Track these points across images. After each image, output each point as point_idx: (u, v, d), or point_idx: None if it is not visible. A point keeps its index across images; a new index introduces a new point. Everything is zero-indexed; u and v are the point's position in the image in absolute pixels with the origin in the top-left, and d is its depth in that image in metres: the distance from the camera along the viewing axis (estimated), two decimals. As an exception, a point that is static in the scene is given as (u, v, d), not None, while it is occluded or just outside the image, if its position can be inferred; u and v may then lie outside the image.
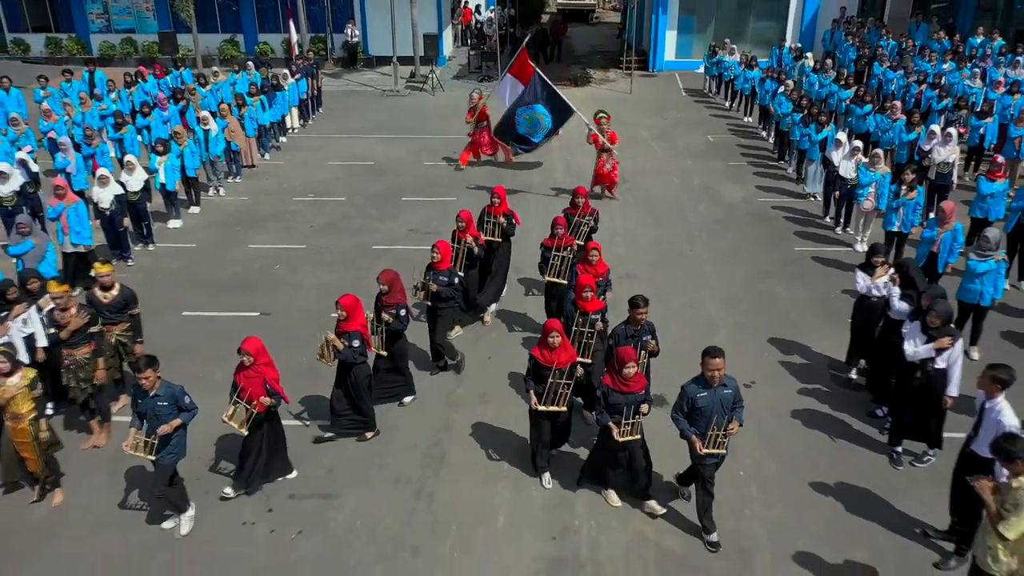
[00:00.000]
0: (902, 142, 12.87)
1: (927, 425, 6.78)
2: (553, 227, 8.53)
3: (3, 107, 15.78)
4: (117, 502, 6.58)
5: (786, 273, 10.66)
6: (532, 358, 6.45)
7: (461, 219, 8.81)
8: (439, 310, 8.07)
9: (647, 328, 6.83)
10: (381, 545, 6.11)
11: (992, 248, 8.02)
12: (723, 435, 5.76)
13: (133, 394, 6.19)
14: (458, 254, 8.69)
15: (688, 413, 5.83)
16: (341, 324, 6.93)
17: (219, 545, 6.13)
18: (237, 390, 6.31)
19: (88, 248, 10.14)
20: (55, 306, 6.95)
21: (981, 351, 8.41)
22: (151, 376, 5.93)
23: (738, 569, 5.87)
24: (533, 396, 6.38)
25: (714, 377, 5.69)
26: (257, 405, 6.30)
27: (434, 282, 7.90)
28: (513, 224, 9.50)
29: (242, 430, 6.35)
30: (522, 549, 6.04)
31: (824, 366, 8.43)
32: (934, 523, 6.13)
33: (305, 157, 16.40)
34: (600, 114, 13.56)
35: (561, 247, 8.37)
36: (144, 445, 5.96)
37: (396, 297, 7.36)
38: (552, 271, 8.36)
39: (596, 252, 7.92)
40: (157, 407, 5.98)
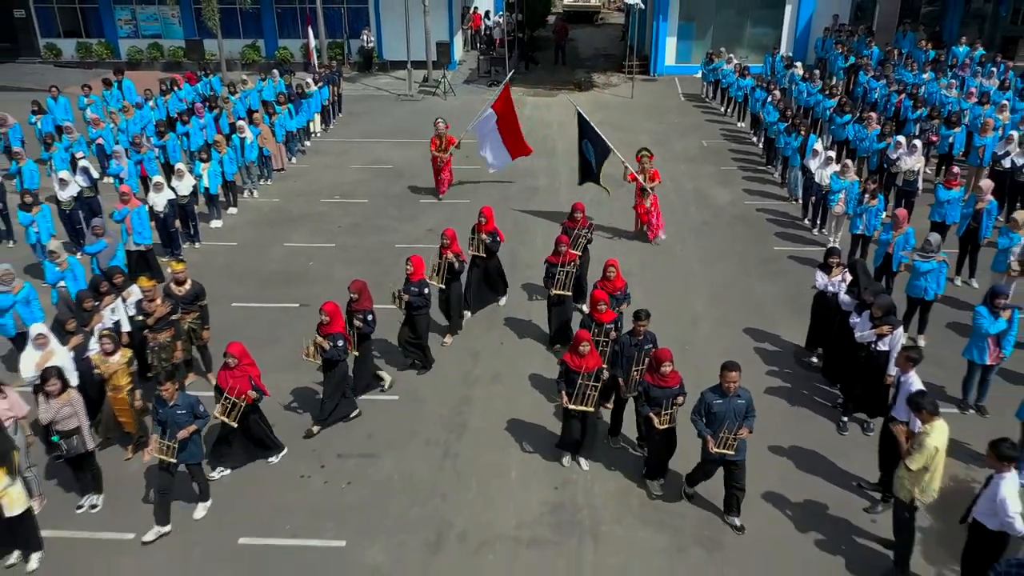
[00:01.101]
0: (875, 151, 14.14)
1: (872, 399, 8.12)
2: (557, 245, 9.57)
3: (52, 115, 17.14)
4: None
5: (764, 271, 11.97)
6: (563, 363, 7.42)
7: (446, 237, 9.66)
8: (413, 316, 9.06)
9: (648, 338, 7.75)
10: (416, 493, 7.50)
11: (934, 251, 9.33)
12: (733, 438, 6.62)
13: (154, 404, 7.03)
14: (441, 268, 9.58)
15: (706, 418, 6.75)
16: (324, 327, 7.95)
17: (283, 493, 7.52)
18: (223, 392, 7.31)
19: (148, 247, 11.52)
20: (144, 297, 8.34)
21: (927, 339, 9.74)
22: (170, 388, 6.84)
23: (707, 514, 7.22)
24: (564, 396, 7.37)
25: (729, 388, 6.59)
26: (246, 398, 7.35)
27: (406, 292, 8.88)
28: (497, 242, 10.35)
29: (232, 423, 7.37)
30: (531, 496, 7.42)
31: (790, 352, 9.77)
32: (867, 478, 7.47)
33: (329, 161, 17.75)
34: (643, 152, 13.14)
35: (565, 263, 9.42)
36: (167, 449, 6.83)
37: (364, 304, 8.40)
38: (558, 285, 9.36)
39: (613, 269, 8.76)
40: (176, 415, 6.85)
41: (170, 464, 6.91)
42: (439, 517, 7.23)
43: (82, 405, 6.99)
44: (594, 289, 8.71)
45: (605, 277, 8.85)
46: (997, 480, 5.73)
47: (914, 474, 6.11)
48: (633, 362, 7.61)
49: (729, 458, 6.74)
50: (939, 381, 8.97)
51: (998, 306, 7.97)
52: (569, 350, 7.57)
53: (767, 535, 6.93)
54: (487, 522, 7.16)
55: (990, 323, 7.99)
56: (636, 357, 7.62)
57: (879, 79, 18.80)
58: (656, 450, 7.31)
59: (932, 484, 6.16)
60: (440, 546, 6.91)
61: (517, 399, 8.89)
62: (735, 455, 6.71)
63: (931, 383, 8.86)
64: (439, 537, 7.00)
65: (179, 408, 6.89)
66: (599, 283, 8.91)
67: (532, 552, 6.83)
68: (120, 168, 13.54)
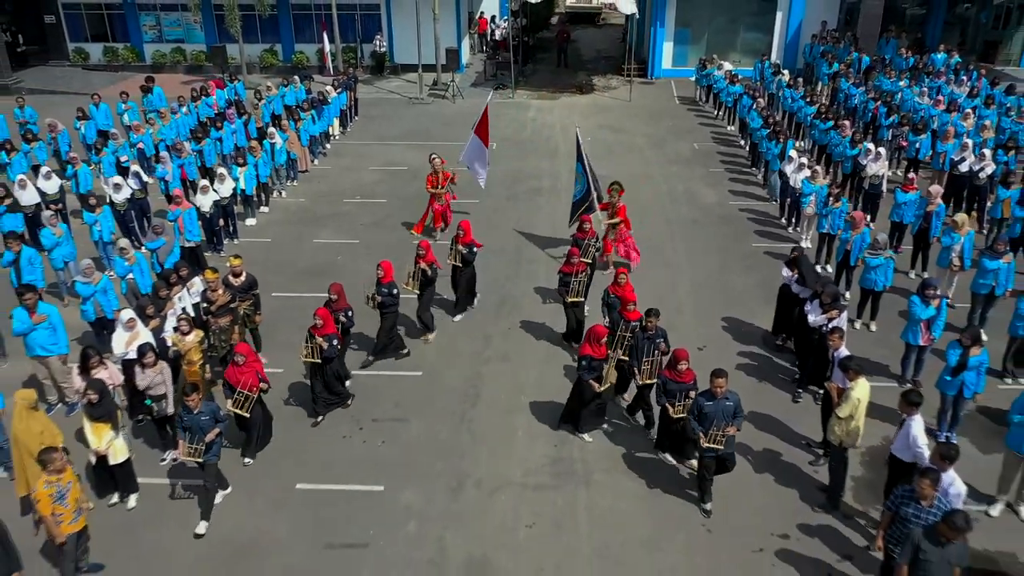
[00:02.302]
0: (847, 156, 15.58)
1: (822, 373, 9.60)
2: (569, 257, 10.73)
3: (94, 121, 18.65)
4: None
5: (742, 265, 13.47)
6: (587, 357, 8.59)
7: (421, 248, 10.78)
8: (384, 314, 10.33)
9: (659, 333, 8.90)
10: (439, 450, 9.04)
11: (882, 248, 10.82)
12: (721, 435, 7.57)
13: (180, 413, 7.94)
14: (415, 275, 10.76)
15: (698, 416, 7.74)
16: (318, 331, 9.09)
17: (329, 450, 9.06)
18: (233, 388, 8.36)
19: (196, 244, 13.04)
20: (208, 287, 9.88)
21: (878, 324, 11.24)
22: (196, 399, 7.75)
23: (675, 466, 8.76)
24: (594, 384, 8.64)
25: (717, 391, 7.58)
26: (255, 391, 8.45)
27: (378, 294, 10.15)
28: (474, 252, 11.48)
29: (244, 413, 8.48)
30: (534, 452, 8.96)
31: (759, 336, 11.27)
32: (814, 438, 8.99)
33: (348, 162, 19.25)
34: (614, 185, 13.10)
35: (579, 272, 10.61)
36: (195, 452, 7.73)
37: (342, 304, 9.69)
38: (572, 292, 10.57)
39: (624, 276, 9.88)
40: (201, 421, 7.74)
41: (198, 463, 7.92)
42: (459, 469, 8.77)
43: (169, 375, 8.55)
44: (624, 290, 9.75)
45: (616, 283, 9.96)
46: (908, 422, 7.30)
47: (842, 421, 7.65)
48: (644, 353, 8.82)
49: (721, 453, 7.75)
50: (885, 360, 10.50)
51: (928, 296, 9.45)
52: (591, 346, 8.61)
53: (732, 478, 8.37)
54: (498, 472, 8.70)
55: (921, 310, 9.47)
56: (646, 348, 8.82)
57: (859, 86, 20.21)
58: (668, 430, 8.59)
59: (855, 429, 7.69)
60: (461, 490, 8.46)
61: (522, 375, 10.42)
62: (724, 449, 7.75)
63: (879, 362, 10.52)
64: (459, 484, 8.55)
65: (203, 415, 7.80)
66: (610, 288, 10.06)
67: (535, 495, 8.37)
68: (165, 172, 15.04)
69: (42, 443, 7.31)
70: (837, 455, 7.96)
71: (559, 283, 10.83)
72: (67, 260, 12.25)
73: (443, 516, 8.11)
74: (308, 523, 8.03)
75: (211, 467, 7.94)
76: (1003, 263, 10.49)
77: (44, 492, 6.67)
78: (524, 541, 7.80)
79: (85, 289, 10.34)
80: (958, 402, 8.79)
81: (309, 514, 8.15)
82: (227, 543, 7.80)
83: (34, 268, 11.23)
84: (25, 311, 9.30)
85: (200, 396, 7.88)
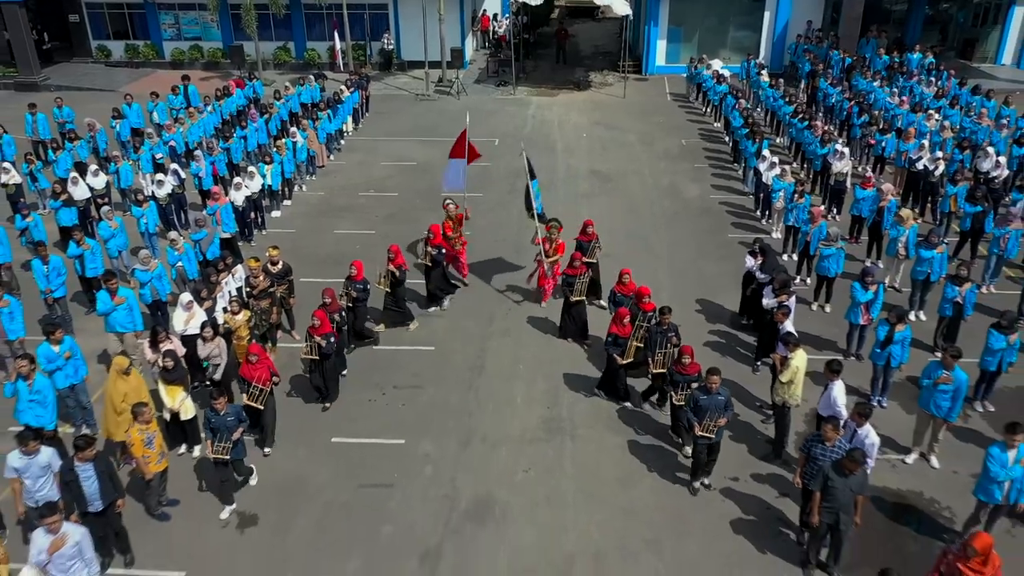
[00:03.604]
0: (817, 155, 17.12)
1: (773, 347, 11.23)
2: (572, 261, 12.00)
3: (127, 120, 20.21)
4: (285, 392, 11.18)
5: (717, 254, 15.08)
6: (613, 334, 10.17)
7: (391, 251, 12.00)
8: (356, 306, 11.73)
9: (672, 328, 10.07)
10: (450, 411, 10.72)
11: (834, 240, 12.43)
12: (713, 425, 8.65)
13: (207, 416, 8.73)
14: (386, 277, 12.02)
15: (694, 409, 8.80)
16: (316, 330, 10.18)
17: (358, 411, 10.75)
18: (249, 383, 9.43)
19: (232, 235, 14.66)
20: (251, 274, 11.53)
21: (831, 307, 12.87)
22: (222, 402, 8.64)
23: (655, 425, 10.42)
24: (617, 357, 10.21)
25: (711, 387, 8.61)
26: (268, 384, 9.55)
27: (352, 290, 11.48)
28: (442, 254, 12.78)
29: (259, 406, 9.57)
30: (531, 414, 10.64)
31: (727, 317, 12.91)
32: (767, 401, 10.64)
33: (361, 158, 20.83)
34: (552, 222, 12.95)
35: (582, 274, 11.88)
36: (222, 450, 8.60)
37: (336, 306, 11.00)
38: (576, 292, 11.83)
39: (627, 276, 11.18)
40: (227, 422, 8.58)
41: (225, 460, 8.76)
42: (467, 426, 10.46)
43: (225, 347, 10.22)
44: (641, 287, 11.09)
45: (620, 282, 11.28)
46: (830, 386, 9.00)
47: (784, 385, 9.31)
48: (658, 345, 10.03)
49: (712, 441, 8.88)
50: (834, 337, 12.14)
51: (867, 283, 11.06)
52: (615, 325, 10.21)
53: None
54: (500, 429, 10.39)
55: (861, 294, 11.10)
56: (660, 341, 10.04)
57: (835, 86, 21.70)
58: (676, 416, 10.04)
59: (795, 392, 9.34)
60: (469, 443, 10.15)
61: (521, 350, 12.08)
62: (715, 437, 8.86)
63: (830, 338, 12.13)
64: (468, 438, 10.24)
65: (228, 416, 8.64)
66: (616, 287, 11.31)
67: (530, 446, 10.06)
68: (199, 168, 16.65)
69: (125, 401, 9.00)
70: (780, 413, 9.62)
71: (563, 284, 12.07)
72: (120, 250, 13.89)
73: (454, 463, 9.81)
74: (343, 468, 9.73)
75: (239, 463, 9.01)
76: (937, 253, 12.09)
77: (137, 438, 8.35)
78: (520, 482, 9.50)
79: (143, 276, 11.97)
80: (887, 371, 10.43)
81: (344, 461, 9.85)
82: (278, 485, 9.49)
83: (95, 257, 12.89)
84: (108, 294, 10.96)
85: (226, 399, 8.78)
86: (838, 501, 7.59)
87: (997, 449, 7.91)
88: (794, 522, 8.69)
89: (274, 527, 8.89)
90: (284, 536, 8.77)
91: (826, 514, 7.70)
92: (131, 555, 8.35)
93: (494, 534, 8.77)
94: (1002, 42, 28.30)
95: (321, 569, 8.33)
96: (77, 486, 7.68)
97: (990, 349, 10.09)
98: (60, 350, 9.57)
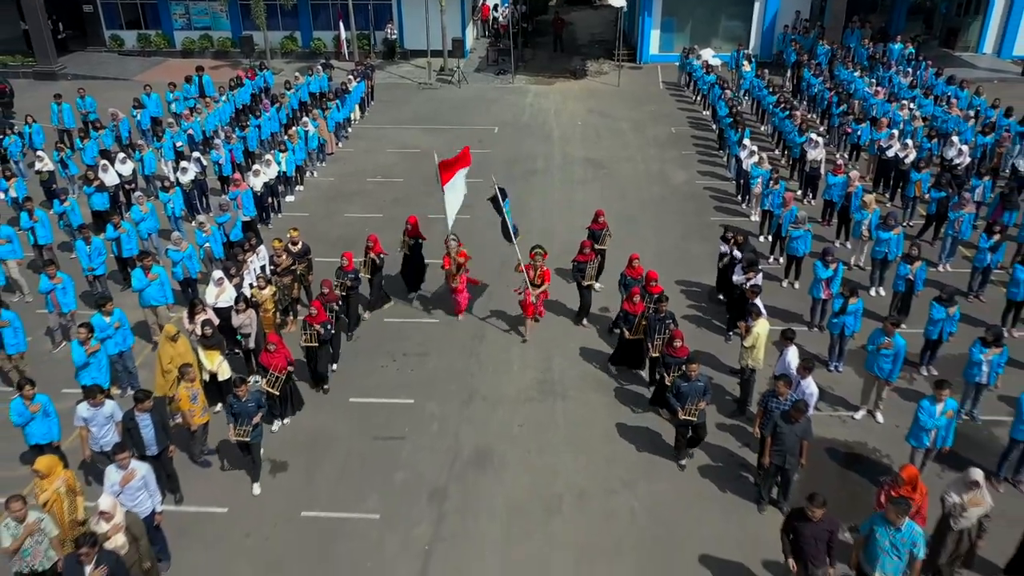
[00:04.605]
0: (796, 143, 18.32)
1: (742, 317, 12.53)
2: (582, 248, 12.89)
3: (146, 110, 21.37)
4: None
5: (699, 236, 16.34)
6: (624, 311, 11.35)
7: (370, 241, 13.06)
8: (349, 295, 12.62)
9: (669, 315, 11.13)
10: (454, 375, 12.04)
11: (802, 223, 13.68)
12: (694, 409, 9.54)
13: (229, 401, 9.45)
14: (366, 264, 13.03)
15: (676, 395, 9.65)
16: (314, 319, 11.04)
17: (371, 376, 12.07)
18: (267, 370, 10.34)
19: (252, 218, 15.91)
20: (275, 253, 12.80)
21: (800, 284, 14.15)
22: (244, 389, 9.40)
23: (634, 389, 11.74)
24: (626, 331, 11.47)
25: (691, 375, 9.53)
26: (284, 372, 10.46)
27: (347, 280, 12.38)
28: (419, 244, 13.68)
29: (275, 391, 10.40)
30: (525, 377, 11.97)
31: (705, 293, 14.21)
32: (736, 366, 11.95)
33: (368, 145, 22.03)
34: (536, 249, 12.54)
35: (592, 260, 12.90)
36: (244, 433, 9.37)
37: (332, 296, 11.97)
38: (588, 277, 12.86)
39: (636, 260, 12.25)
40: (247, 407, 9.32)
41: (246, 443, 9.58)
42: (470, 388, 11.78)
43: (255, 318, 11.51)
44: (649, 271, 12.23)
45: (630, 265, 12.31)
46: (785, 351, 10.26)
47: (747, 349, 10.62)
48: (656, 332, 11.00)
49: (694, 424, 9.81)
50: (800, 311, 13.42)
51: (828, 261, 12.33)
52: (626, 302, 11.39)
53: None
54: (498, 390, 11.72)
55: (822, 271, 12.37)
56: (658, 328, 10.99)
57: (818, 76, 22.84)
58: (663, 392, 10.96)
59: (758, 355, 10.64)
60: (470, 402, 11.48)
61: (519, 321, 13.37)
62: (697, 419, 9.79)
63: (796, 312, 13.40)
64: (470, 397, 11.57)
65: (250, 402, 9.42)
66: (626, 270, 12.35)
67: (525, 405, 11.39)
68: (219, 156, 17.87)
69: (172, 363, 10.32)
70: (745, 375, 10.93)
71: (574, 270, 13.04)
72: (151, 232, 15.15)
73: (457, 419, 11.15)
74: (360, 423, 11.07)
75: (256, 447, 9.69)
76: (894, 235, 13.35)
77: (184, 394, 9.67)
78: (516, 435, 10.84)
79: (176, 255, 13.25)
80: (842, 339, 11.74)
81: (360, 418, 11.19)
82: (305, 437, 10.83)
83: (131, 239, 14.16)
84: (142, 271, 12.24)
85: (247, 386, 9.53)
86: (785, 445, 8.92)
87: (927, 402, 9.21)
88: (753, 465, 10.03)
89: (302, 472, 10.25)
90: (311, 479, 10.13)
91: (776, 455, 9.02)
92: (180, 494, 9.71)
93: (493, 478, 10.12)
94: (983, 31, 29.34)
95: (344, 506, 9.69)
96: (136, 433, 9.01)
97: (932, 319, 11.37)
98: (111, 320, 10.88)
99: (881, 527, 7.20)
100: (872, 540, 7.28)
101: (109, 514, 7.52)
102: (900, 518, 7.04)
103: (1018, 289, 12.36)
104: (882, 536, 7.18)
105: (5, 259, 13.67)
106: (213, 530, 9.36)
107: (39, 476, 8.14)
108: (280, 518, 9.50)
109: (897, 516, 7.04)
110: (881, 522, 7.22)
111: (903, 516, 7.06)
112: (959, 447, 9.84)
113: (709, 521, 9.40)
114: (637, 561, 8.88)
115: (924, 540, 7.29)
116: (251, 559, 8.96)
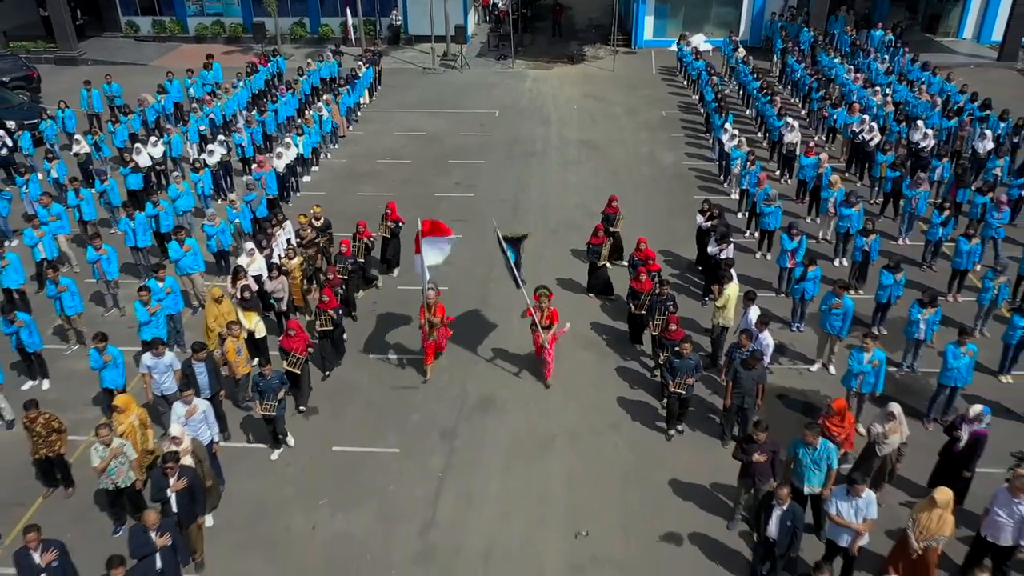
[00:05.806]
0: (775, 127, 19.76)
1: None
2: (595, 232, 14.17)
3: (170, 96, 22.77)
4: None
5: (682, 213, 17.85)
6: (631, 288, 12.64)
7: (359, 227, 14.23)
8: (350, 277, 13.71)
9: (669, 297, 12.13)
10: (460, 334, 13.58)
11: (772, 200, 15.21)
12: (684, 383, 10.60)
13: (254, 380, 10.47)
14: (359, 247, 14.21)
15: (669, 370, 10.68)
16: (326, 305, 12.02)
17: (386, 334, 13.66)
18: (289, 353, 11.15)
19: (274, 196, 17.43)
20: (300, 228, 14.35)
21: (771, 255, 15.70)
22: (269, 369, 10.48)
23: (621, 348, 13.33)
24: (632, 306, 12.83)
25: (684, 353, 10.52)
26: (304, 354, 11.31)
27: (349, 264, 13.56)
28: (399, 227, 14.98)
29: (296, 371, 11.28)
30: (524, 337, 13.49)
31: (686, 263, 15.77)
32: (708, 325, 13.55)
33: (377, 128, 23.47)
34: (541, 289, 12.22)
35: (605, 243, 14.22)
36: (269, 407, 10.42)
37: (336, 281, 13.14)
38: (601, 258, 14.19)
39: (644, 244, 13.31)
40: (272, 384, 10.32)
41: (272, 417, 10.70)
42: (474, 345, 13.37)
43: (286, 284, 13.08)
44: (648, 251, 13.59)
45: (638, 248, 13.50)
46: (748, 310, 11.82)
47: (719, 309, 12.20)
48: (657, 312, 11.97)
49: (683, 396, 10.92)
50: (770, 279, 14.98)
51: (792, 234, 13.86)
52: (634, 281, 12.59)
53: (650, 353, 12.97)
54: (500, 348, 13.32)
55: (788, 243, 13.90)
56: (658, 309, 11.98)
57: (800, 62, 24.20)
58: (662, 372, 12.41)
59: (728, 315, 12.22)
60: (475, 358, 13.08)
61: (514, 292, 14.94)
62: (685, 393, 10.87)
63: (767, 280, 14.96)
64: (474, 354, 13.17)
65: (274, 379, 10.43)
66: (634, 252, 13.55)
67: (524, 360, 13.00)
68: (241, 139, 19.34)
69: (216, 321, 11.91)
70: (717, 332, 12.53)
71: (588, 252, 14.37)
72: (185, 210, 16.66)
73: (464, 371, 12.77)
74: (378, 375, 12.69)
75: (280, 419, 10.76)
76: (855, 211, 14.88)
77: (231, 347, 11.27)
78: (516, 384, 12.47)
79: (210, 230, 14.79)
80: (803, 303, 13.32)
81: (379, 371, 12.81)
82: (330, 388, 12.44)
83: (168, 216, 15.70)
84: (177, 243, 13.77)
85: (271, 366, 10.85)
86: (744, 387, 10.53)
87: (856, 351, 10.80)
88: (720, 409, 11.65)
89: (330, 415, 11.88)
90: (338, 421, 11.77)
91: (736, 397, 10.64)
92: (228, 432, 11.34)
93: (496, 420, 11.76)
94: (963, 17, 30.61)
95: (368, 442, 11.33)
96: (193, 378, 10.62)
97: (881, 285, 12.94)
98: (164, 286, 12.45)
99: (802, 448, 8.86)
100: (797, 460, 8.93)
101: (179, 439, 9.15)
102: (815, 439, 8.69)
103: (961, 259, 13.92)
104: (804, 455, 8.85)
105: (56, 233, 15.21)
106: (257, 462, 11.01)
107: (117, 411, 9.79)
108: (314, 451, 11.14)
109: (813, 438, 8.69)
110: (801, 444, 8.87)
111: (817, 437, 8.71)
112: (899, 393, 11.47)
113: (681, 454, 11.05)
114: (619, 485, 10.53)
115: (837, 454, 8.93)
116: (293, 484, 10.62)
